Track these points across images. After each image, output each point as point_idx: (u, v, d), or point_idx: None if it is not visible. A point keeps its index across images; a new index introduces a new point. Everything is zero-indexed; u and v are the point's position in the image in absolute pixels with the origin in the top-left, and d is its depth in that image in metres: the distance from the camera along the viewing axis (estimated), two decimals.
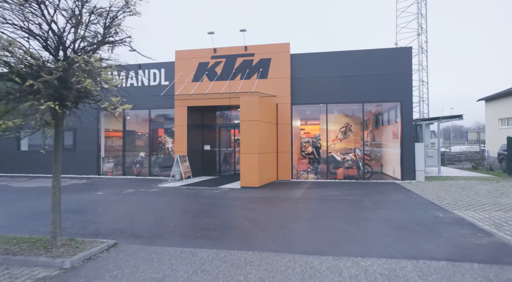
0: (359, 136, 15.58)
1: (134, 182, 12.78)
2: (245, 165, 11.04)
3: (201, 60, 13.80)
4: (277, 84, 13.12)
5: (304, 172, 13.86)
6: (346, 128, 15.36)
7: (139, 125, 15.92)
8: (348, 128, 15.39)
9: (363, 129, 13.09)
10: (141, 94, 14.19)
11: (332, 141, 15.42)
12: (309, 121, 19.48)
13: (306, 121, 19.07)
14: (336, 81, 12.82)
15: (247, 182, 11.02)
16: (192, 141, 14.15)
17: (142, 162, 15.27)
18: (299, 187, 11.07)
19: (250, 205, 8.10)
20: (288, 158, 13.07)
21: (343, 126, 15.22)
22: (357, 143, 15.31)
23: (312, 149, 14.32)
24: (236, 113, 15.25)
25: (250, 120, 11.01)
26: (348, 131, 15.52)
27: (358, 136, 15.49)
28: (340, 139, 15.45)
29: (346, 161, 13.78)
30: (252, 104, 11.03)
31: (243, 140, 11.08)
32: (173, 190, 10.67)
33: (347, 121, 15.27)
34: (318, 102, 13.11)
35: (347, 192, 9.74)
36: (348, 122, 15.27)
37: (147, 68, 14.58)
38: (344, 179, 13.15)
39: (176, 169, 12.80)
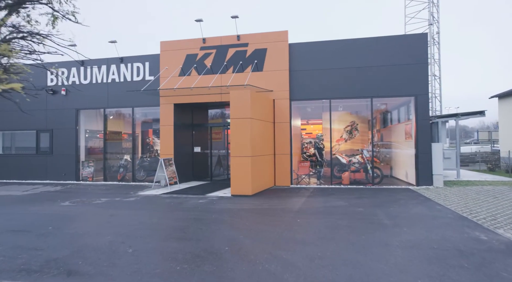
0: (367, 136, 14.04)
1: (113, 189, 11.30)
2: (236, 169, 9.53)
3: (189, 52, 12.33)
4: (274, 78, 11.62)
5: (305, 177, 12.33)
6: (351, 127, 13.82)
7: (124, 125, 14.45)
8: (354, 127, 13.86)
9: (372, 128, 11.57)
10: (124, 91, 12.74)
11: (336, 142, 13.90)
12: (311, 120, 17.97)
13: (308, 120, 17.56)
14: (341, 74, 11.29)
15: (238, 190, 9.51)
16: (180, 142, 12.67)
17: (127, 165, 13.80)
18: (299, 194, 9.54)
19: (237, 221, 6.58)
20: (287, 161, 11.55)
21: (349, 125, 13.69)
22: (364, 143, 13.78)
23: (314, 150, 12.82)
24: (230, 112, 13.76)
25: (242, 117, 9.51)
26: (354, 131, 13.99)
27: (365, 136, 13.96)
28: (345, 139, 13.92)
29: (352, 163, 12.24)
30: (243, 99, 9.52)
31: (234, 141, 9.57)
32: (152, 199, 9.17)
33: (352, 120, 13.74)
34: (321, 97, 11.59)
35: (356, 202, 8.20)
36: (354, 120, 13.74)
37: (129, 61, 13.12)
38: (351, 184, 11.61)
39: (160, 174, 11.31)
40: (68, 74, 13.67)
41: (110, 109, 13.52)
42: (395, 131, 13.60)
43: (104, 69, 13.33)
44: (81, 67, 13.53)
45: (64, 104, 13.69)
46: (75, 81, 13.61)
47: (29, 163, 13.95)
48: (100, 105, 13.39)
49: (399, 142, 12.91)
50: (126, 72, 13.14)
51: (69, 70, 13.66)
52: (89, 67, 13.44)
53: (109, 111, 13.66)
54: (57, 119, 13.75)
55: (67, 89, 13.64)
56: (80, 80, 13.58)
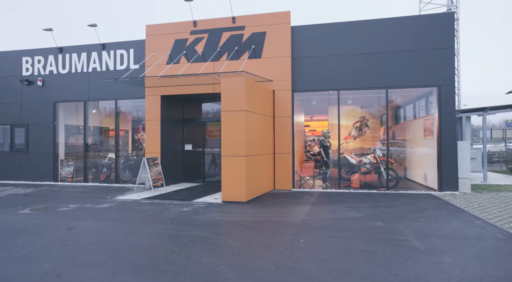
0: (379, 132, 12.55)
1: (90, 192, 9.91)
2: (227, 171, 8.08)
3: (178, 37, 10.87)
4: (273, 66, 10.14)
5: (309, 179, 10.86)
6: (361, 123, 12.33)
7: (110, 120, 13.04)
8: (364, 123, 12.36)
9: (387, 124, 10.08)
10: (105, 81, 11.33)
11: (344, 139, 12.43)
12: (315, 115, 16.47)
13: (312, 115, 16.07)
14: (351, 61, 9.79)
15: (230, 195, 8.07)
16: (168, 139, 11.25)
17: (111, 165, 12.40)
18: (302, 201, 8.09)
19: (223, 240, 5.14)
20: (288, 161, 10.09)
21: (358, 121, 12.21)
22: (375, 141, 12.30)
23: (320, 148, 11.35)
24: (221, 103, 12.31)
25: (235, 110, 8.05)
26: (364, 127, 12.49)
27: (376, 132, 12.46)
28: (354, 137, 12.43)
29: (363, 164, 10.76)
30: (237, 88, 8.06)
31: (225, 137, 8.12)
32: (128, 206, 7.76)
33: (362, 115, 12.25)
34: (328, 88, 10.09)
35: (371, 212, 6.73)
36: (364, 115, 12.25)
37: (112, 48, 11.69)
38: (361, 188, 10.14)
39: (144, 175, 9.91)
40: (45, 63, 12.28)
41: (92, 102, 12.10)
42: (410, 128, 12.09)
43: (85, 57, 11.91)
44: (59, 55, 12.12)
45: (40, 96, 12.30)
46: (52, 70, 12.22)
47: (2, 162, 12.61)
48: (80, 98, 11.99)
49: (416, 140, 11.41)
50: (108, 60, 11.71)
51: (46, 58, 12.26)
52: (68, 54, 12.02)
53: (91, 104, 12.25)
54: (33, 113, 12.37)
55: (43, 80, 12.25)
56: (58, 70, 12.17)
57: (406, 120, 12.98)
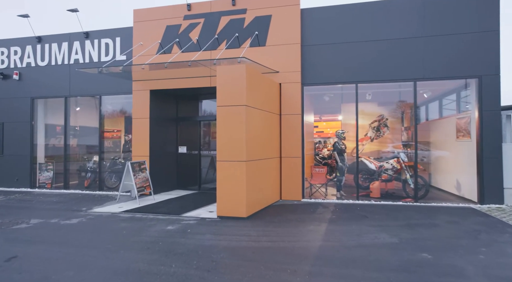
0: (399, 133, 11.01)
1: (65, 202, 8.48)
2: (224, 180, 6.59)
3: (170, 23, 9.43)
4: (280, 55, 8.66)
5: (321, 187, 9.35)
6: (379, 122, 10.79)
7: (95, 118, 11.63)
8: (383, 122, 10.81)
9: (415, 122, 8.53)
10: (89, 74, 9.94)
11: (359, 141, 10.96)
12: (325, 115, 14.96)
13: (321, 115, 14.58)
14: (372, 49, 8.29)
15: (227, 209, 6.58)
16: (159, 140, 9.81)
17: (96, 169, 10.98)
18: (316, 216, 6.58)
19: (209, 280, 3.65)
20: (297, 167, 8.59)
21: (375, 120, 10.67)
22: (396, 143, 10.77)
23: (333, 151, 9.83)
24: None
25: (233, 105, 6.57)
26: (382, 127, 10.93)
27: (396, 133, 10.92)
28: (370, 138, 10.88)
29: (384, 170, 9.22)
30: (236, 77, 6.58)
31: (221, 138, 6.64)
32: (102, 223, 6.30)
33: (381, 113, 10.71)
34: (343, 81, 8.59)
35: (409, 235, 5.20)
36: (382, 114, 10.71)
37: (96, 37, 10.29)
38: (382, 198, 8.63)
39: (128, 182, 8.46)
40: (22, 54, 10.91)
41: (73, 97, 10.70)
42: (437, 128, 10.53)
43: (66, 47, 10.52)
44: (37, 45, 10.75)
45: (17, 91, 10.93)
46: (30, 62, 10.84)
47: None
48: (61, 93, 10.59)
49: (445, 142, 9.84)
50: (92, 50, 10.31)
51: (23, 48, 10.89)
52: (47, 44, 10.65)
53: (73, 100, 10.86)
54: (9, 110, 11.00)
55: (20, 73, 10.88)
56: (37, 62, 10.80)
57: (429, 119, 11.41)
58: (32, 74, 10.78)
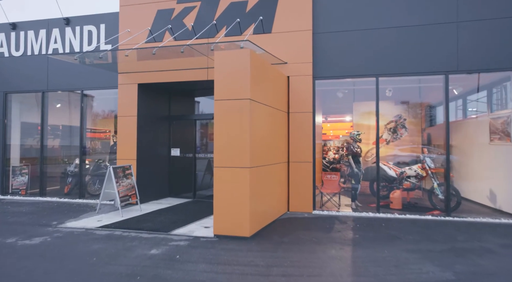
0: (419, 135, 9.84)
1: (36, 213, 7.22)
2: (223, 191, 5.36)
3: (161, 6, 8.23)
4: (288, 43, 7.48)
5: (334, 196, 8.14)
6: (396, 123, 9.63)
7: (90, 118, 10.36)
8: (401, 123, 9.65)
9: (447, 120, 7.36)
10: (70, 66, 8.72)
11: (373, 144, 9.77)
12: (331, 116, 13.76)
13: (327, 116, 13.39)
14: (395, 37, 7.13)
15: (227, 226, 5.35)
16: (148, 142, 8.59)
17: (78, 173, 9.73)
18: (335, 235, 5.37)
19: None
20: (307, 173, 7.38)
21: (392, 121, 9.52)
22: (414, 145, 9.63)
23: (347, 156, 8.64)
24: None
25: (235, 98, 5.36)
26: (399, 129, 9.77)
27: (416, 136, 9.75)
28: (386, 141, 9.72)
29: (406, 177, 8.04)
30: (238, 64, 5.37)
31: (220, 139, 5.42)
32: (69, 244, 5.06)
33: (397, 113, 9.56)
34: (362, 74, 7.41)
35: (464, 267, 4.00)
36: (400, 114, 9.56)
37: (78, 23, 9.06)
38: (405, 210, 7.46)
39: (109, 190, 7.21)
40: None
41: (52, 92, 9.45)
42: (461, 129, 9.36)
43: (44, 35, 9.29)
44: (11, 33, 9.50)
45: None
46: (3, 52, 9.59)
47: None
48: (38, 87, 9.34)
49: (474, 145, 8.67)
50: (73, 39, 9.08)
51: None
52: (23, 32, 9.41)
53: (52, 95, 9.61)
54: None
55: None
56: (11, 51, 9.55)
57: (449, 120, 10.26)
58: (5, 66, 9.52)
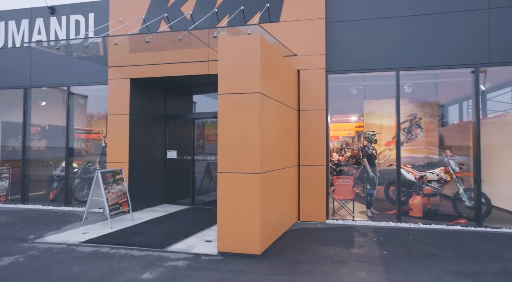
0: (436, 136, 9.12)
1: (12, 224, 6.36)
2: (227, 200, 4.56)
3: None
4: (298, 34, 6.71)
5: (347, 202, 7.37)
6: (411, 123, 8.90)
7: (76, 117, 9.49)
8: (416, 123, 8.93)
9: (477, 118, 6.63)
10: (55, 60, 7.88)
11: (385, 145, 9.06)
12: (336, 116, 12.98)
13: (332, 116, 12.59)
14: (418, 26, 6.40)
15: (233, 242, 4.54)
16: (142, 143, 7.77)
17: (64, 177, 8.86)
18: (359, 253, 4.60)
19: None
20: (320, 178, 6.62)
21: (406, 120, 8.78)
22: (431, 147, 8.93)
23: (362, 158, 7.88)
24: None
25: (242, 92, 4.57)
26: (414, 129, 9.04)
27: (432, 136, 9.03)
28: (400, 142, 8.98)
29: (426, 182, 7.31)
30: (246, 52, 4.58)
31: (224, 140, 4.62)
32: (44, 265, 4.22)
33: (412, 112, 8.84)
34: (381, 67, 6.67)
35: None
36: (415, 113, 8.84)
37: (64, 12, 8.22)
38: (426, 218, 6.74)
39: (96, 198, 6.38)
40: None
41: (36, 88, 8.59)
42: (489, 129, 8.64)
43: (26, 25, 8.43)
44: None
45: None
46: None
47: None
48: (19, 83, 8.49)
49: (498, 146, 7.95)
50: (59, 29, 8.24)
51: None
52: (3, 22, 8.55)
53: (36, 92, 8.75)
54: None
55: None
56: None
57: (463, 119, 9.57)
58: None
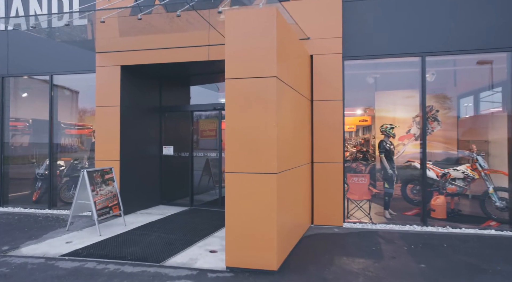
0: (454, 130, 8.45)
1: None
2: (238, 205, 3.81)
3: None
4: (311, 14, 5.93)
5: (363, 203, 6.67)
6: (428, 116, 8.21)
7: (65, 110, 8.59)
8: (432, 116, 8.24)
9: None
10: (36, 44, 7.01)
11: (399, 140, 8.38)
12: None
13: None
14: (450, 4, 5.67)
15: (244, 255, 3.80)
16: (134, 138, 6.96)
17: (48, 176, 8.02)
18: (392, 265, 3.90)
19: None
20: (337, 176, 5.90)
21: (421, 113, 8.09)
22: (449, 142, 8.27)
23: (380, 154, 7.19)
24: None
25: (255, 76, 3.79)
26: (431, 122, 8.35)
27: (450, 130, 8.36)
28: (414, 136, 8.31)
29: (450, 180, 6.65)
30: (259, 28, 3.80)
31: (234, 134, 3.85)
32: None
33: (429, 104, 8.14)
34: (404, 52, 5.94)
35: None
36: (431, 105, 8.15)
37: None
38: (451, 221, 6.09)
39: (82, 201, 5.58)
40: None
41: (14, 77, 7.71)
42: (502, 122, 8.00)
43: (2, 6, 7.52)
44: None
45: None
46: None
47: None
48: None
49: None
50: (39, 10, 7.34)
51: None
52: None
53: (15, 82, 7.87)
54: None
55: None
56: None
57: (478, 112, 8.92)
58: None
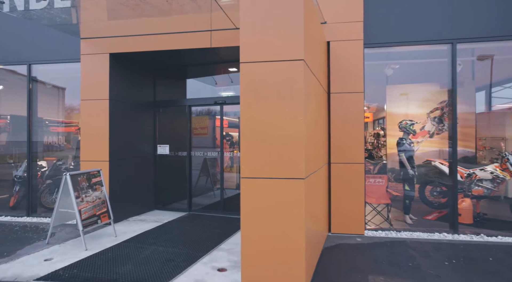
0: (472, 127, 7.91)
1: None
2: (256, 216, 3.09)
3: None
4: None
5: (382, 208, 6.03)
6: (443, 111, 7.64)
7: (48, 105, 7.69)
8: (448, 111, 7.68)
9: None
10: (11, 29, 6.13)
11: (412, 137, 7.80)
12: None
13: None
14: None
15: (265, 276, 3.09)
16: (125, 136, 6.16)
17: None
18: None
19: None
20: (358, 178, 5.24)
21: (437, 108, 7.52)
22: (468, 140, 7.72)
23: (400, 154, 6.57)
24: (229, 79, 7.28)
25: (277, 60, 3.07)
26: (446, 118, 7.82)
27: (468, 127, 7.81)
28: (429, 133, 7.73)
29: (476, 181, 6.08)
30: (283, 1, 3.08)
31: (250, 131, 3.12)
32: None
33: (444, 99, 7.58)
34: (432, 39, 5.30)
35: None
36: (446, 99, 7.58)
37: None
38: (481, 227, 5.52)
39: (64, 209, 4.78)
40: None
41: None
42: None
43: None
44: None
45: None
46: None
47: None
48: None
49: None
50: None
51: None
52: None
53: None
54: None
55: None
56: None
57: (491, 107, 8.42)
58: None
